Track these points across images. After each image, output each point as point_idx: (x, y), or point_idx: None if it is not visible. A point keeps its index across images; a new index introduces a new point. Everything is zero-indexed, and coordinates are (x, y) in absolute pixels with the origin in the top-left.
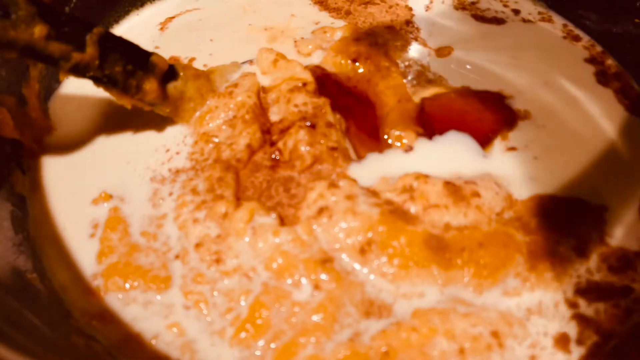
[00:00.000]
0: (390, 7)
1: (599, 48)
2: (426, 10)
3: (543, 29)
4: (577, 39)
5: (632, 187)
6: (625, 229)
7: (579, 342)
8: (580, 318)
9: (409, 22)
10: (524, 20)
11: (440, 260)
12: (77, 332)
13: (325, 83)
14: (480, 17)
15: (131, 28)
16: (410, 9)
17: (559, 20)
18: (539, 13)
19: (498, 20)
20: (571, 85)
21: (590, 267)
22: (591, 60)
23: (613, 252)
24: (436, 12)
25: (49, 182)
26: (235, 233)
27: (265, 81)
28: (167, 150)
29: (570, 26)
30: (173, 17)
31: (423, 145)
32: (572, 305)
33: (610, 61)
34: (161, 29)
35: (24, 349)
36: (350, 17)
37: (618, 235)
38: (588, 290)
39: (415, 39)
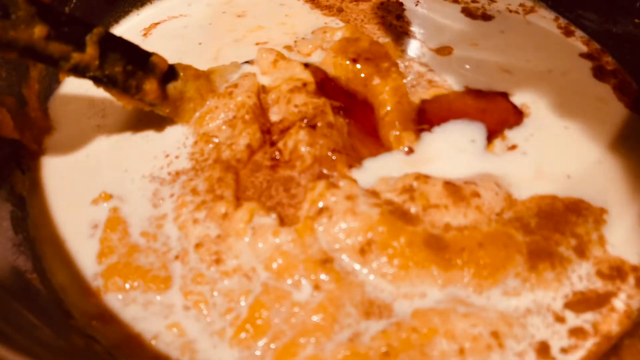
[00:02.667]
0: (382, 3)
1: (595, 44)
2: (416, 5)
3: (536, 24)
4: (570, 33)
5: (633, 187)
6: (625, 233)
7: (564, 351)
8: (570, 330)
9: (399, 17)
10: (510, 11)
11: (440, 260)
12: (77, 332)
13: (325, 86)
14: (468, 10)
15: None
16: (401, 3)
17: (549, 15)
18: (521, 5)
19: (485, 17)
20: (569, 82)
21: (582, 274)
22: (588, 56)
23: (608, 258)
24: (426, 6)
25: (48, 182)
26: (235, 233)
27: (265, 81)
28: (167, 156)
29: (562, 20)
30: (158, 23)
31: (423, 145)
32: (559, 319)
33: (607, 58)
34: (144, 34)
35: (24, 349)
36: (343, 14)
37: (617, 241)
38: (576, 301)
39: (406, 33)
